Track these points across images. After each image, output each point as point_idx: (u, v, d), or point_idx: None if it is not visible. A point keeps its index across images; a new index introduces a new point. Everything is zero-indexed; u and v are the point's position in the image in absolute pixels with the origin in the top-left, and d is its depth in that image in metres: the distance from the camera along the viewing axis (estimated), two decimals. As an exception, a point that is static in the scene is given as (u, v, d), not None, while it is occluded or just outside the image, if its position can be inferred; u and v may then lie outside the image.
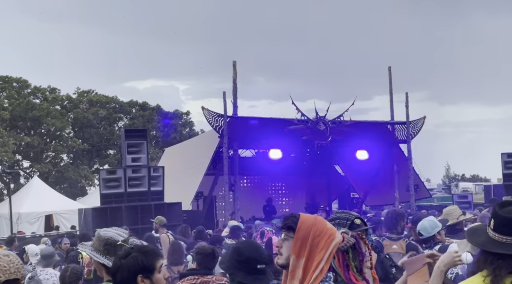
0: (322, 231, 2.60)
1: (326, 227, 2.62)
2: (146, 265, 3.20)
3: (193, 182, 20.93)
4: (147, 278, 3.18)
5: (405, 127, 24.50)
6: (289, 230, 2.68)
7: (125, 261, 3.21)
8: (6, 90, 41.84)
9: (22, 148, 39.88)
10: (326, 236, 2.57)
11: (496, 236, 2.55)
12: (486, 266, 2.53)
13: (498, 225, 2.57)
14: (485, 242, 2.57)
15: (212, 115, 20.54)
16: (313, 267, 2.53)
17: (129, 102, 45.42)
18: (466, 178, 74.10)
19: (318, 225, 2.62)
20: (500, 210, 2.59)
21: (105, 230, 4.01)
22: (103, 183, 16.12)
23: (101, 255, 3.82)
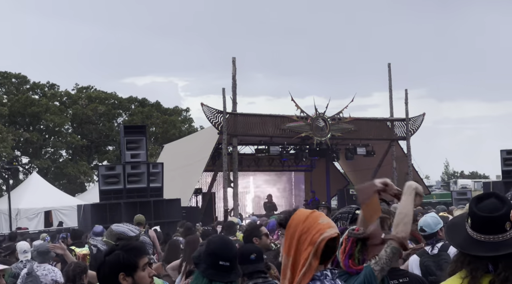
0: (310, 227, 2.49)
1: (317, 222, 2.50)
2: (128, 262, 3.14)
3: (192, 178, 20.94)
4: (129, 276, 3.13)
5: (404, 124, 24.52)
6: (281, 228, 2.64)
7: (108, 258, 3.17)
8: (5, 86, 41.82)
9: (21, 144, 39.84)
10: (314, 232, 2.47)
11: (474, 234, 2.50)
12: (464, 266, 2.49)
13: (475, 224, 2.51)
14: (463, 243, 2.52)
15: (211, 112, 20.55)
16: (300, 265, 2.46)
17: (128, 98, 45.38)
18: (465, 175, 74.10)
19: (308, 221, 2.52)
20: (475, 207, 2.52)
21: (117, 226, 4.04)
22: (102, 179, 16.10)
23: None
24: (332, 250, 2.55)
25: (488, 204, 2.51)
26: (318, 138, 22.36)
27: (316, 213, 2.58)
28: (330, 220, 2.59)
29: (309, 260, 2.43)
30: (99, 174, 16.65)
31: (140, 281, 3.15)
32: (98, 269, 3.19)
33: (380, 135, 24.37)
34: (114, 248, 3.27)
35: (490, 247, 2.45)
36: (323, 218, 2.53)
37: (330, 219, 2.59)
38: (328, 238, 2.45)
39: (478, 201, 2.54)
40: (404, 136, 24.60)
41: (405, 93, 24.65)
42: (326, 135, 22.50)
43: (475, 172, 78.14)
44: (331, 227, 2.51)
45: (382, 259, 3.01)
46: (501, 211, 2.48)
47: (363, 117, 24.24)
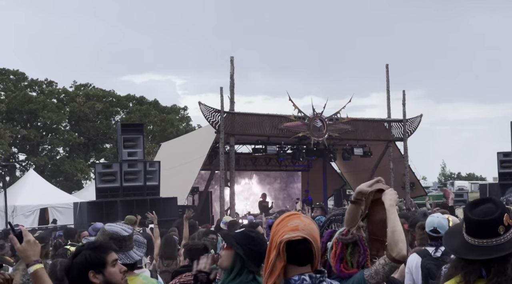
0: (279, 230, 2.50)
1: (286, 225, 2.50)
2: (95, 260, 3.15)
3: (189, 177, 20.93)
4: (99, 273, 3.13)
5: (401, 125, 24.54)
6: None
7: (75, 260, 3.18)
8: (3, 83, 41.75)
9: (18, 141, 39.79)
10: (278, 234, 2.48)
11: (469, 239, 2.50)
12: (458, 271, 2.50)
13: (469, 228, 2.52)
14: (458, 247, 2.53)
15: (209, 111, 20.53)
16: (267, 267, 2.48)
17: (126, 96, 45.33)
18: (462, 177, 74.20)
19: (280, 224, 2.53)
20: (470, 212, 2.53)
21: (110, 225, 4.04)
22: (99, 177, 16.10)
23: None
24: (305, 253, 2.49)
25: (482, 209, 2.51)
26: (315, 138, 22.37)
27: (294, 216, 2.56)
28: (302, 223, 2.52)
29: (273, 262, 2.44)
30: (95, 172, 16.64)
31: (112, 277, 3.15)
32: (67, 273, 3.18)
33: (377, 136, 24.39)
34: (80, 249, 3.28)
35: (483, 251, 2.45)
36: (294, 221, 2.51)
37: (303, 222, 2.53)
38: (286, 240, 2.43)
39: (473, 206, 2.55)
40: (401, 137, 24.63)
41: (403, 94, 24.69)
42: (324, 135, 22.51)
43: (472, 174, 78.25)
44: (296, 230, 2.46)
45: (379, 274, 3.00)
46: (494, 214, 2.48)
47: (360, 118, 24.26)
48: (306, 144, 23.29)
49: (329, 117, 22.84)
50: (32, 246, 2.98)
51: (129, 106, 45.03)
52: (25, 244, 2.98)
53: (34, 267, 2.95)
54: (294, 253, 2.46)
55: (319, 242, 2.57)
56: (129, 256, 3.94)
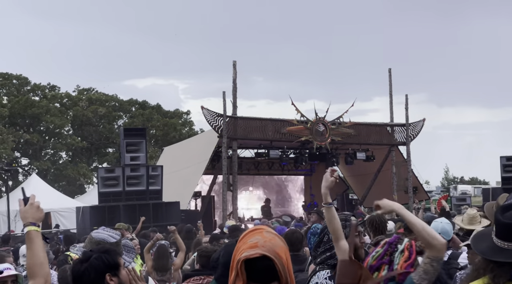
0: (240, 246, 2.32)
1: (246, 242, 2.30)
2: (112, 263, 3.19)
3: (192, 181, 20.92)
4: (115, 276, 3.17)
5: (404, 129, 24.51)
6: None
7: (88, 264, 3.18)
8: (6, 87, 41.84)
9: (21, 145, 39.84)
10: (237, 252, 2.30)
11: (498, 242, 2.51)
12: (486, 273, 2.50)
13: (500, 231, 2.53)
14: (487, 250, 2.53)
15: (211, 115, 20.54)
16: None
17: (129, 100, 45.40)
18: (465, 181, 74.05)
19: (242, 240, 2.35)
20: (501, 215, 2.54)
21: (96, 232, 4.03)
22: (102, 181, 16.10)
23: None
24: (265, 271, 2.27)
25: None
26: (318, 143, 22.35)
27: (255, 231, 2.37)
28: (262, 239, 2.31)
29: (233, 282, 2.28)
30: (98, 176, 16.64)
31: (124, 280, 3.19)
32: (80, 276, 3.16)
33: (380, 140, 24.36)
34: (89, 254, 3.27)
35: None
36: (254, 238, 2.32)
37: (264, 238, 2.32)
38: (244, 258, 2.25)
39: (505, 209, 2.56)
40: (404, 141, 24.60)
41: (406, 98, 24.65)
42: (326, 140, 22.49)
43: (475, 178, 78.10)
44: (255, 247, 2.27)
45: (429, 273, 3.04)
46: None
47: (363, 122, 24.22)
48: (308, 149, 23.26)
49: (331, 121, 22.82)
50: (33, 210, 3.10)
51: (132, 110, 45.09)
52: (28, 207, 3.09)
53: (28, 228, 3.02)
54: (254, 271, 2.26)
55: (286, 257, 2.32)
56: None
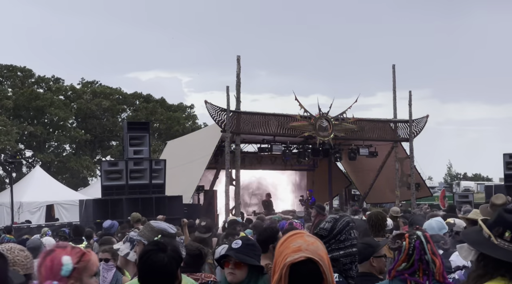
0: (283, 251, 2.35)
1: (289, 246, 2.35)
2: (180, 258, 3.31)
3: (195, 175, 20.95)
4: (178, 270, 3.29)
5: (407, 126, 24.49)
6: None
7: (168, 255, 3.19)
8: (10, 79, 41.89)
9: (25, 138, 39.92)
10: (282, 256, 2.34)
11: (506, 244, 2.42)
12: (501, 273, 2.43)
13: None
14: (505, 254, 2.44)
15: (215, 109, 20.55)
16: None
17: (133, 94, 45.40)
18: (468, 177, 73.97)
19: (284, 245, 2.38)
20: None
21: (155, 222, 4.09)
22: (105, 174, 16.15)
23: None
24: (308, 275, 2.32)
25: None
26: (321, 138, 22.35)
27: (296, 235, 2.42)
28: (305, 243, 2.37)
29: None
30: (101, 170, 16.69)
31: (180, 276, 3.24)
32: (164, 265, 3.11)
33: (383, 136, 24.35)
34: (163, 244, 3.27)
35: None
36: (296, 242, 2.36)
37: (306, 242, 2.38)
38: (289, 263, 2.29)
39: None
40: (407, 137, 24.58)
41: (409, 95, 24.63)
42: (329, 135, 22.49)
43: (478, 174, 78.00)
44: (299, 251, 2.31)
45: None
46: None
47: (366, 118, 24.21)
48: (311, 144, 23.27)
49: (335, 117, 22.82)
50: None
51: (136, 103, 45.10)
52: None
53: None
54: (299, 275, 2.29)
55: (328, 260, 2.36)
56: None
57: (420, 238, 3.34)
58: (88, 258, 2.48)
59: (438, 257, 3.33)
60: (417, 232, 3.45)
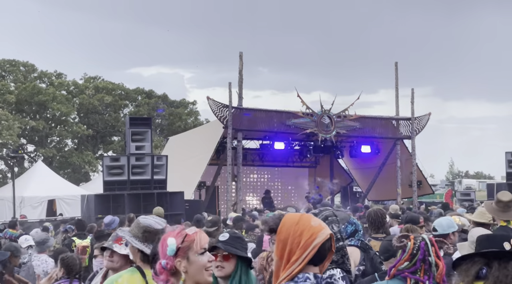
0: (303, 230, 2.48)
1: (310, 225, 2.50)
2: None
3: (196, 171, 20.97)
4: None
5: (409, 123, 24.47)
6: (272, 233, 2.62)
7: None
8: (13, 74, 41.90)
9: (27, 132, 39.96)
10: (307, 236, 2.47)
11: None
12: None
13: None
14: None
15: (217, 106, 20.55)
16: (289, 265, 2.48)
17: (135, 89, 45.41)
18: (469, 175, 73.97)
19: (300, 224, 2.51)
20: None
21: (144, 218, 4.10)
22: (107, 170, 16.15)
23: (139, 242, 3.93)
24: (327, 251, 2.53)
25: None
26: (323, 135, 22.35)
27: (306, 216, 2.57)
28: (321, 221, 2.58)
29: (297, 264, 2.45)
30: (103, 165, 16.70)
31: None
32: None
33: (385, 134, 24.34)
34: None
35: None
36: (314, 220, 2.54)
37: (320, 220, 2.58)
38: (322, 242, 2.46)
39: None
40: (409, 135, 24.56)
41: (411, 92, 24.59)
42: (331, 132, 22.49)
43: (480, 172, 78.01)
44: (322, 229, 2.50)
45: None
46: None
47: (368, 115, 24.18)
48: (313, 141, 23.28)
49: (337, 114, 22.81)
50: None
51: (138, 99, 45.12)
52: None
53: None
54: (324, 251, 2.49)
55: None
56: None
57: (425, 240, 3.36)
58: (191, 238, 2.71)
59: (441, 260, 3.34)
60: (423, 235, 3.47)
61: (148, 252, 3.86)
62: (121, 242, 4.58)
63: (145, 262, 3.90)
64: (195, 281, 2.68)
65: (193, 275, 2.67)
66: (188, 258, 2.68)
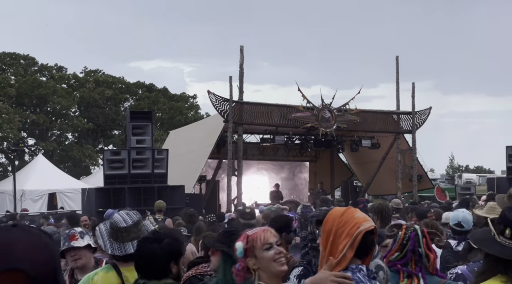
0: (347, 221, 2.61)
1: (353, 217, 2.62)
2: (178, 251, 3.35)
3: (197, 165, 20.97)
4: (176, 264, 3.31)
5: (410, 117, 24.45)
6: (319, 225, 2.81)
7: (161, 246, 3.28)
8: (13, 67, 41.88)
9: (27, 126, 39.99)
10: (351, 225, 2.58)
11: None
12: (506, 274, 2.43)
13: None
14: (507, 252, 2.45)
15: (217, 99, 20.53)
16: (336, 256, 2.59)
17: (136, 83, 45.38)
18: (470, 169, 73.96)
19: (345, 215, 2.64)
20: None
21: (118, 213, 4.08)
22: (107, 163, 16.16)
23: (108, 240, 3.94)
24: (371, 244, 2.63)
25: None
26: (323, 129, 22.32)
27: (352, 209, 2.70)
28: (365, 214, 2.69)
29: (345, 251, 2.57)
30: (104, 159, 16.70)
31: (180, 269, 3.38)
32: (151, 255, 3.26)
33: (385, 128, 24.31)
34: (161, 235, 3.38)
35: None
36: (358, 213, 2.66)
37: (365, 214, 2.69)
38: (365, 230, 2.57)
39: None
40: (409, 129, 24.54)
41: (412, 86, 24.54)
42: (332, 126, 22.46)
43: (480, 167, 78.01)
44: (367, 220, 2.62)
45: None
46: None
47: (369, 109, 24.13)
48: (314, 135, 23.24)
49: (337, 108, 22.77)
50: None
51: (139, 93, 45.10)
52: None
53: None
54: (368, 242, 2.59)
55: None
56: (121, 247, 3.85)
57: (416, 231, 3.36)
58: (252, 238, 2.93)
59: (432, 252, 3.34)
60: (415, 226, 3.46)
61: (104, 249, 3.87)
62: (76, 237, 4.56)
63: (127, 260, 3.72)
64: (268, 273, 2.87)
65: (264, 269, 2.86)
66: (255, 256, 2.89)
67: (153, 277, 3.26)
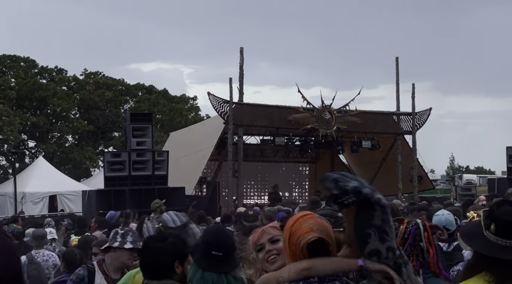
0: (296, 231, 2.61)
1: (301, 227, 2.60)
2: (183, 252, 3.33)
3: (197, 167, 20.97)
4: (180, 265, 3.28)
5: (410, 118, 24.45)
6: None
7: (164, 245, 3.28)
8: (13, 70, 41.87)
9: (27, 128, 39.98)
10: (296, 237, 2.58)
11: (499, 240, 2.42)
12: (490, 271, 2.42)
13: (500, 229, 2.44)
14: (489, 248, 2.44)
15: (217, 101, 20.53)
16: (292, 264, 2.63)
17: (136, 85, 45.38)
18: (470, 170, 73.98)
19: (295, 225, 2.63)
20: (499, 212, 2.47)
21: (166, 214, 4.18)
22: (108, 165, 16.16)
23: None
24: (323, 253, 2.60)
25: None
26: (323, 130, 22.32)
27: (306, 217, 2.67)
28: (316, 222, 2.64)
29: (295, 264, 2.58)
30: (104, 161, 16.71)
31: (186, 270, 3.28)
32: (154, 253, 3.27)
33: (386, 129, 24.31)
34: (166, 235, 3.42)
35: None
36: (308, 222, 2.63)
37: (317, 221, 2.65)
38: (306, 243, 2.55)
39: (501, 206, 2.50)
40: (410, 130, 24.54)
41: (412, 87, 24.54)
42: (332, 128, 22.46)
43: (480, 167, 78.02)
44: (311, 231, 2.58)
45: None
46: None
47: (369, 110, 24.13)
48: (314, 136, 23.25)
49: (338, 109, 22.77)
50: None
51: (138, 95, 45.10)
52: None
53: None
54: (314, 253, 2.58)
55: (333, 239, 2.67)
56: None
57: (418, 224, 3.34)
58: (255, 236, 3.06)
59: (433, 247, 3.32)
60: (417, 220, 3.44)
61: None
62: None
63: None
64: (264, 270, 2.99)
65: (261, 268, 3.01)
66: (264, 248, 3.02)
67: (155, 277, 3.22)
